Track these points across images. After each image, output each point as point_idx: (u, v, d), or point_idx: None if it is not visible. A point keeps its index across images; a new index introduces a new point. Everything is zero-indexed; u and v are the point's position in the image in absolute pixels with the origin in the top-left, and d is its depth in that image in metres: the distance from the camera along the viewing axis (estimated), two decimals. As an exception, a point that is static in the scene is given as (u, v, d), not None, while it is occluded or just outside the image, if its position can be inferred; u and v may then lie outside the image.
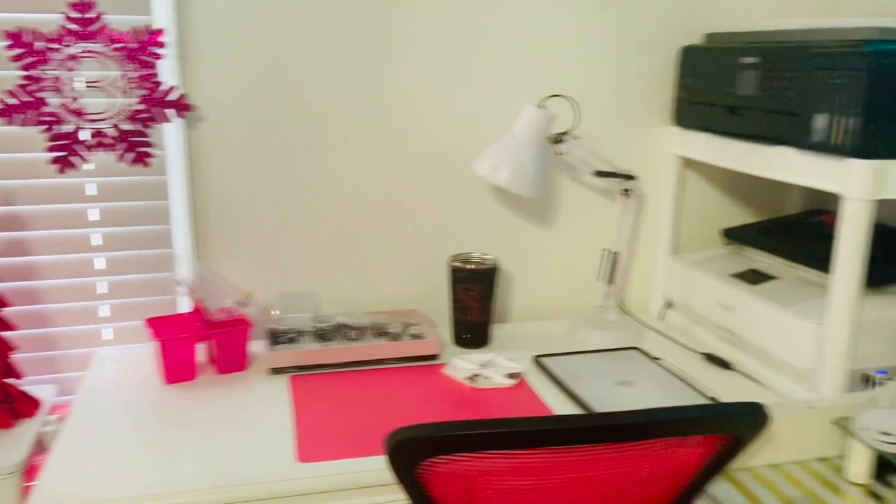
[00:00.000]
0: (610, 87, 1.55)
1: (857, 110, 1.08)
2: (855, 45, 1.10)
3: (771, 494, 1.01)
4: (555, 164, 1.56)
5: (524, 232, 1.59)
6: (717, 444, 0.94)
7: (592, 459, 0.94)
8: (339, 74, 1.43)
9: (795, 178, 1.21)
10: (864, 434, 1.01)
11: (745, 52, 1.32)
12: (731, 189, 1.67)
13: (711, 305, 1.45)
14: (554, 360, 1.36)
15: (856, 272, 1.13)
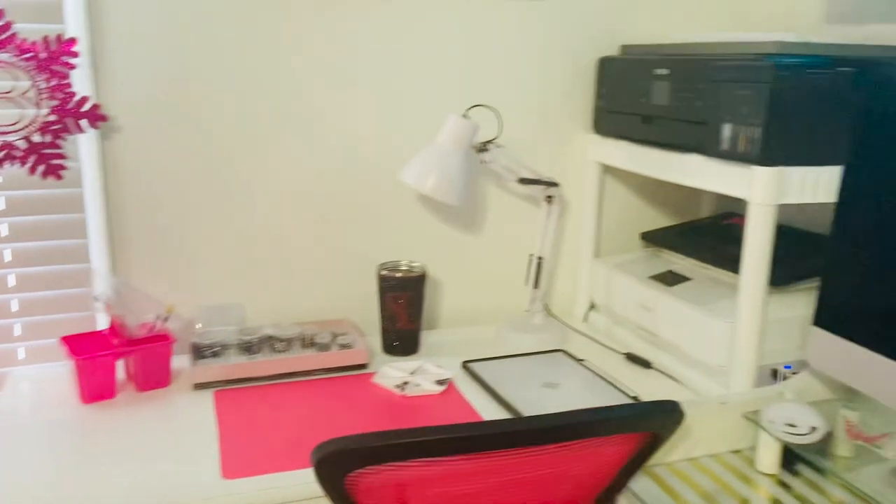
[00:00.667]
0: (533, 96, 1.59)
1: (760, 120, 1.14)
2: (757, 59, 1.16)
3: (688, 488, 1.06)
4: (480, 172, 1.59)
5: (452, 239, 1.61)
6: (637, 441, 0.98)
7: (521, 462, 0.96)
8: (259, 84, 1.41)
9: (706, 185, 1.27)
10: (771, 426, 1.07)
11: (657, 64, 1.37)
12: (649, 194, 1.74)
13: (632, 306, 1.50)
14: (482, 365, 1.38)
15: (762, 272, 1.19)
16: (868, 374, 1.05)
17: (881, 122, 1.05)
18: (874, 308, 1.04)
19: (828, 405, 1.17)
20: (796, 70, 1.14)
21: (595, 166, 1.63)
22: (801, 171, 1.16)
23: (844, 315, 1.09)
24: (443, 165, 1.35)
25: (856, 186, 1.07)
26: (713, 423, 1.13)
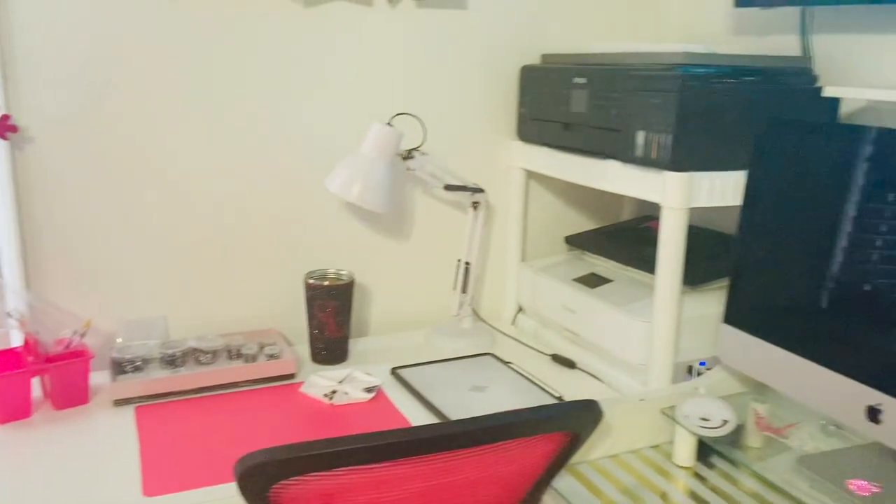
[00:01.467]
0: (458, 104, 1.61)
1: (670, 128, 1.19)
2: (666, 69, 1.21)
3: (609, 484, 1.09)
4: (407, 179, 1.60)
5: (380, 246, 1.61)
6: (559, 440, 1.01)
7: (448, 466, 0.97)
8: (178, 93, 1.39)
9: (622, 190, 1.32)
10: (686, 421, 1.11)
11: (575, 73, 1.42)
12: (572, 199, 1.78)
13: (557, 309, 1.54)
14: (411, 371, 1.39)
15: (676, 273, 1.25)
16: (774, 369, 1.10)
17: (781, 129, 1.11)
18: (778, 306, 1.10)
19: (739, 399, 1.23)
20: (703, 79, 1.19)
21: (519, 172, 1.67)
22: (709, 175, 1.22)
23: (751, 313, 1.15)
24: (368, 173, 1.36)
25: (758, 190, 1.14)
26: (633, 420, 1.17)
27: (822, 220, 1.03)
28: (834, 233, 1.01)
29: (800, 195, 1.07)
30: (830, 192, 1.02)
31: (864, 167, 0.98)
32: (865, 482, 0.96)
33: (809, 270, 1.05)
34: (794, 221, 1.08)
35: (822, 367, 1.02)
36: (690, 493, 1.07)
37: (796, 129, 1.08)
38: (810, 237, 1.05)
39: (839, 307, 1.00)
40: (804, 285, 1.06)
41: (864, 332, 0.97)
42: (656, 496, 1.06)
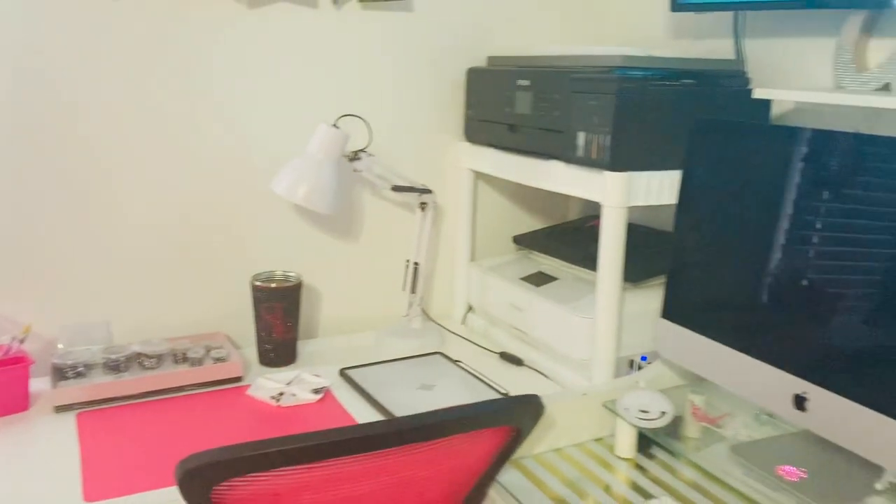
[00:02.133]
0: (406, 105, 1.62)
1: (608, 129, 1.22)
2: (604, 72, 1.25)
3: (553, 477, 1.12)
4: (355, 181, 1.61)
5: (329, 248, 1.61)
6: (502, 435, 1.03)
7: (393, 464, 0.98)
8: (123, 94, 1.37)
9: (565, 189, 1.35)
10: (626, 413, 1.14)
11: (520, 75, 1.44)
12: (520, 199, 1.81)
13: (505, 307, 1.56)
14: (359, 372, 1.40)
15: (617, 270, 1.28)
16: (708, 361, 1.14)
17: (711, 130, 1.15)
18: (711, 301, 1.14)
19: (677, 391, 1.27)
20: (639, 82, 1.23)
21: (468, 173, 1.69)
22: (647, 175, 1.25)
23: (687, 308, 1.18)
24: (314, 175, 1.36)
25: (692, 189, 1.17)
26: (576, 414, 1.20)
27: (752, 217, 1.07)
28: (762, 229, 1.05)
29: (729, 194, 1.11)
30: (757, 191, 1.06)
31: (790, 166, 1.02)
32: (794, 468, 1.00)
33: (740, 266, 1.09)
34: (726, 219, 1.12)
35: (752, 358, 1.06)
36: (632, 484, 1.10)
37: (724, 129, 1.12)
38: (741, 234, 1.09)
39: (768, 302, 1.04)
40: (736, 281, 1.10)
41: (792, 325, 1.01)
42: (599, 488, 1.08)
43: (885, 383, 0.89)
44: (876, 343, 0.90)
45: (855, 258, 0.93)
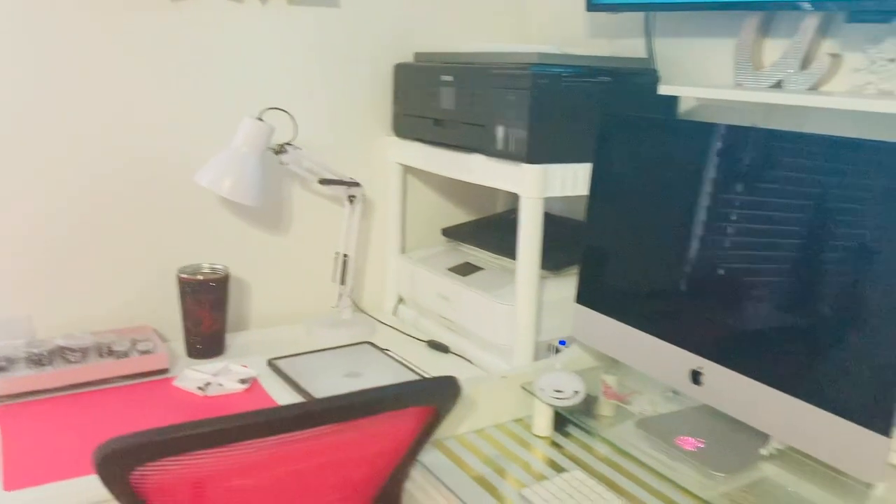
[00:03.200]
0: (335, 100, 1.65)
1: (525, 123, 1.28)
2: (521, 68, 1.30)
3: (473, 456, 1.16)
4: (284, 174, 1.62)
5: (259, 240, 1.63)
6: (422, 416, 1.07)
7: (316, 446, 1.01)
8: (43, 84, 1.35)
9: (487, 181, 1.40)
10: (541, 393, 1.20)
11: (444, 71, 1.49)
12: (449, 192, 1.86)
13: (433, 297, 1.61)
14: (288, 362, 1.42)
15: (535, 258, 1.34)
16: (617, 342, 1.21)
17: (618, 124, 1.21)
18: (620, 286, 1.21)
19: (592, 372, 1.33)
20: (553, 78, 1.29)
21: (396, 167, 1.72)
22: (562, 167, 1.31)
23: (598, 293, 1.25)
24: (239, 167, 1.38)
25: (601, 181, 1.24)
26: (496, 396, 1.25)
27: (654, 207, 1.14)
28: (662, 218, 1.12)
29: (635, 184, 1.18)
30: (659, 181, 1.13)
31: (688, 158, 1.09)
32: (691, 438, 1.08)
33: (645, 254, 1.16)
34: (632, 209, 1.18)
35: (654, 338, 1.13)
36: (548, 461, 1.15)
37: (628, 123, 1.19)
38: (644, 223, 1.16)
39: (669, 287, 1.11)
40: (641, 268, 1.17)
41: (690, 308, 1.08)
42: (517, 465, 1.14)
43: (771, 359, 0.96)
44: (763, 323, 0.98)
45: (746, 246, 1.00)
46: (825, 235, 0.90)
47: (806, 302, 0.92)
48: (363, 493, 1.12)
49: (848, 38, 1.20)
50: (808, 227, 0.92)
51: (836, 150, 0.89)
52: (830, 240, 0.89)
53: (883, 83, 1.13)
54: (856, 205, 0.87)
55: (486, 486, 1.08)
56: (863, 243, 0.86)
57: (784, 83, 1.22)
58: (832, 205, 0.89)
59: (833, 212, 0.89)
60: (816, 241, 0.91)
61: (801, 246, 0.93)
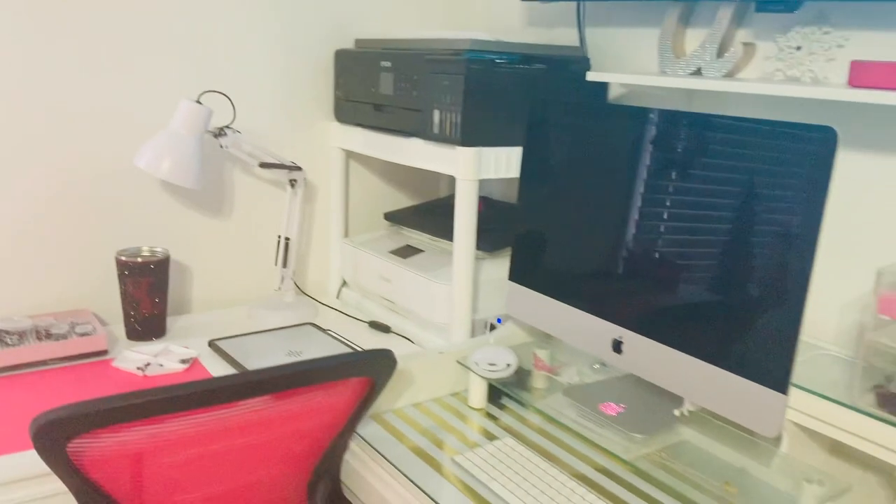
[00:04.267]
0: (277, 84, 1.66)
1: (459, 107, 1.32)
2: (455, 54, 1.34)
3: (410, 428, 1.21)
4: (226, 158, 1.63)
5: (200, 224, 1.63)
6: (359, 388, 1.11)
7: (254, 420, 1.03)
8: None
9: (424, 165, 1.44)
10: (476, 367, 1.25)
11: (382, 57, 1.52)
12: (392, 177, 1.89)
13: (375, 279, 1.64)
14: (229, 342, 1.44)
15: (470, 238, 1.38)
16: (547, 316, 1.27)
17: (545, 109, 1.26)
18: (548, 263, 1.26)
19: (526, 347, 1.39)
20: (486, 64, 1.33)
21: (338, 152, 1.75)
22: (496, 151, 1.36)
23: (529, 270, 1.30)
24: (177, 150, 1.39)
25: (530, 164, 1.29)
26: (434, 371, 1.30)
27: (578, 187, 1.20)
28: (588, 199, 1.18)
29: (562, 166, 1.23)
30: (583, 163, 1.19)
31: (610, 140, 1.15)
32: (613, 404, 1.14)
33: (571, 232, 1.21)
34: (559, 190, 1.24)
35: (580, 311, 1.19)
36: (483, 431, 1.20)
37: (556, 108, 1.24)
38: (571, 203, 1.21)
39: (593, 263, 1.17)
40: (567, 246, 1.22)
41: (612, 282, 1.14)
42: (454, 436, 1.18)
43: (683, 327, 1.03)
44: (676, 296, 1.04)
45: (662, 224, 1.06)
46: (731, 215, 0.96)
47: (713, 276, 0.99)
48: (304, 465, 1.15)
49: (760, 27, 1.28)
50: (716, 207, 0.98)
51: (741, 132, 0.96)
52: (736, 219, 0.96)
53: (790, 70, 1.21)
54: (759, 183, 0.93)
55: (423, 456, 1.12)
56: (763, 220, 0.92)
57: (703, 70, 1.29)
58: (737, 184, 0.96)
59: (737, 191, 0.96)
60: (723, 220, 0.97)
61: (709, 225, 0.99)
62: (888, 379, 0.96)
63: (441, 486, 1.04)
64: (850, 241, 1.20)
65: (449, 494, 1.02)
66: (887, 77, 0.98)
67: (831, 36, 1.16)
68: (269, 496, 1.13)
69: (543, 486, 1.03)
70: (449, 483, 1.05)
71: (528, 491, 1.01)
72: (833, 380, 1.06)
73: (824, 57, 1.16)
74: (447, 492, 1.03)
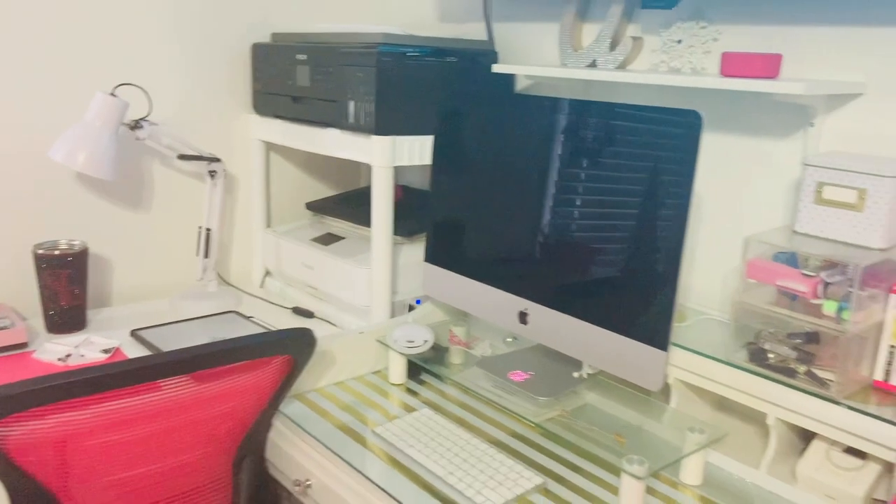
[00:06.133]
0: (196, 77, 1.68)
1: (372, 98, 1.38)
2: (368, 47, 1.40)
3: (333, 405, 1.26)
4: (144, 150, 1.64)
5: (121, 217, 1.64)
6: (280, 367, 1.15)
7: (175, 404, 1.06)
8: None
9: (342, 154, 1.49)
10: (394, 344, 1.32)
11: (299, 51, 1.56)
12: (314, 167, 1.94)
13: (298, 267, 1.69)
14: (151, 332, 1.46)
15: (387, 223, 1.45)
16: (460, 294, 1.35)
17: (458, 99, 1.34)
18: (461, 244, 1.34)
19: (444, 325, 1.47)
20: (397, 56, 1.40)
21: (258, 143, 1.78)
22: (409, 139, 1.43)
23: (444, 251, 1.38)
24: (93, 142, 1.40)
25: (442, 152, 1.37)
26: (355, 351, 1.36)
27: (486, 172, 1.28)
28: (493, 182, 1.26)
29: (469, 153, 1.31)
30: (489, 149, 1.27)
31: (513, 128, 1.23)
32: (521, 371, 1.23)
33: (479, 214, 1.30)
34: (467, 175, 1.32)
35: (489, 286, 1.27)
36: (403, 405, 1.27)
37: (465, 98, 1.32)
38: (478, 187, 1.29)
39: (499, 241, 1.26)
40: (476, 226, 1.30)
41: (518, 259, 1.23)
42: (375, 411, 1.25)
43: (578, 296, 1.13)
44: (571, 268, 1.14)
45: (559, 204, 1.16)
46: (615, 193, 1.06)
47: (603, 250, 1.08)
48: (228, 445, 1.19)
49: (646, 23, 1.39)
50: (602, 189, 1.08)
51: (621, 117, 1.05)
52: (619, 196, 1.06)
53: (672, 61, 1.32)
54: (638, 163, 1.03)
55: (346, 431, 1.18)
56: (642, 196, 1.03)
57: (598, 62, 1.39)
58: (620, 165, 1.06)
59: (620, 172, 1.06)
60: (609, 198, 1.07)
61: (597, 203, 1.09)
62: (757, 336, 1.08)
63: (364, 456, 1.11)
64: (728, 215, 1.33)
65: (372, 464, 1.09)
66: (753, 66, 1.10)
67: (707, 30, 1.28)
68: (194, 476, 1.17)
69: (458, 449, 1.10)
70: (372, 454, 1.11)
71: (443, 455, 1.09)
72: (714, 341, 1.18)
73: (701, 49, 1.28)
74: (370, 462, 1.09)
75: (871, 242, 1.02)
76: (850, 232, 1.03)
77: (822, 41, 1.17)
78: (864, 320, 1.00)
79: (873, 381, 1.04)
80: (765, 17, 1.23)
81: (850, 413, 0.97)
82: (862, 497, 0.98)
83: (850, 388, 1.02)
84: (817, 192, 1.05)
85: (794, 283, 1.01)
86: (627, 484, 0.96)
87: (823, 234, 1.06)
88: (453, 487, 1.02)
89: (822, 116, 1.18)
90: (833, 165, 1.03)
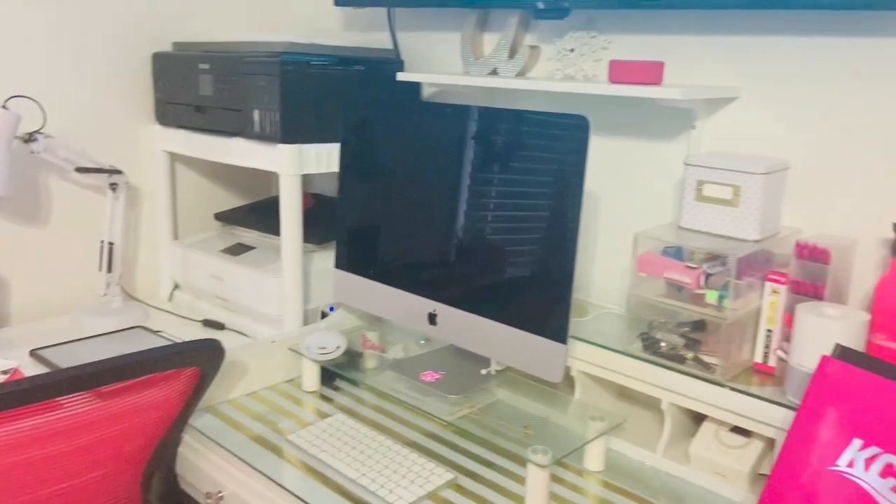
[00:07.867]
0: (93, 88, 1.63)
1: (277, 106, 1.39)
2: (271, 56, 1.40)
3: (245, 415, 1.26)
4: (41, 164, 1.58)
5: (17, 233, 1.57)
6: (188, 379, 1.14)
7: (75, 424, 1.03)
8: None
9: (248, 163, 1.48)
10: (307, 351, 1.32)
11: (201, 60, 1.54)
12: (222, 177, 1.91)
13: (207, 279, 1.66)
14: (53, 351, 1.41)
15: (297, 232, 1.45)
16: (371, 298, 1.36)
17: (362, 107, 1.36)
18: (370, 249, 1.36)
19: (357, 331, 1.48)
20: (300, 65, 1.41)
21: (162, 154, 1.75)
22: (316, 147, 1.44)
23: (353, 257, 1.39)
24: (-18, 156, 1.34)
25: (349, 158, 1.38)
26: (267, 360, 1.35)
27: (392, 178, 1.30)
28: (399, 188, 1.29)
29: (375, 159, 1.33)
30: (394, 155, 1.30)
31: (414, 133, 1.26)
32: (433, 372, 1.26)
33: (386, 219, 1.32)
34: (374, 181, 1.34)
35: (399, 290, 1.30)
36: (318, 412, 1.28)
37: (368, 106, 1.34)
38: (385, 193, 1.32)
39: (407, 246, 1.29)
40: (384, 231, 1.33)
41: (426, 262, 1.26)
42: (289, 419, 1.25)
43: (482, 296, 1.17)
44: (475, 270, 1.17)
45: (461, 208, 1.19)
46: (513, 195, 1.11)
47: (504, 251, 1.13)
48: (135, 462, 1.16)
49: (542, 32, 1.45)
50: (501, 192, 1.12)
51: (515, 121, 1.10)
52: (517, 199, 1.10)
53: (566, 69, 1.38)
54: (533, 166, 1.08)
55: (259, 441, 1.17)
56: (537, 198, 1.08)
57: (498, 70, 1.44)
58: (517, 168, 1.10)
59: (517, 175, 1.10)
60: (508, 201, 1.11)
61: (498, 206, 1.13)
62: (650, 326, 1.15)
63: (277, 465, 1.11)
64: (624, 214, 1.40)
65: (285, 471, 1.09)
66: (637, 73, 1.17)
67: (597, 40, 1.35)
68: (101, 495, 1.14)
69: (371, 452, 1.12)
70: (286, 462, 1.11)
71: (356, 458, 1.10)
72: (612, 333, 1.25)
73: (592, 58, 1.35)
74: (283, 469, 1.09)
75: (747, 235, 1.10)
76: (728, 226, 1.11)
77: (701, 49, 1.26)
78: (743, 307, 1.08)
79: (753, 363, 1.12)
80: (650, 27, 1.31)
81: (733, 394, 1.05)
82: (748, 472, 1.06)
83: (732, 371, 1.09)
84: (698, 190, 1.13)
85: (679, 275, 1.09)
86: (533, 473, 1.00)
87: (705, 229, 1.14)
88: (366, 489, 1.04)
89: (702, 120, 1.27)
90: (710, 165, 1.11)
